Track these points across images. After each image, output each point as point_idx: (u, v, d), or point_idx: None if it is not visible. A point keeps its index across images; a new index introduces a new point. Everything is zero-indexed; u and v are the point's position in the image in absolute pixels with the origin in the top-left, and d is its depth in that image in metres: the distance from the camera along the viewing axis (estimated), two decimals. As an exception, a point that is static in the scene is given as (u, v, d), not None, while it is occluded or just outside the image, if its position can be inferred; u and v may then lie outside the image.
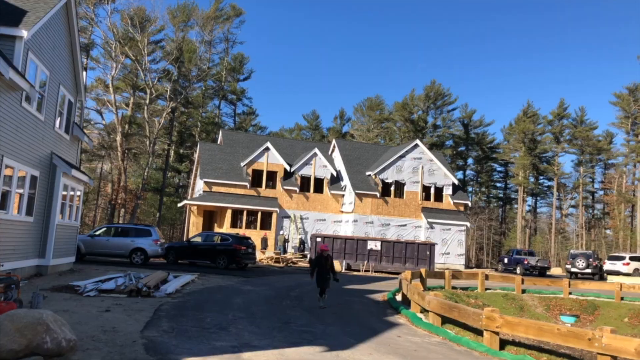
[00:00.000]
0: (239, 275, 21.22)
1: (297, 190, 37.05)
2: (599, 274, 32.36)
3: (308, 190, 37.78)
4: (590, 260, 32.35)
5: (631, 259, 34.75)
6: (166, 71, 52.75)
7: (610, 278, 31.09)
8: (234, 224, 34.72)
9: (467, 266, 43.15)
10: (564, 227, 79.75)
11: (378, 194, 36.88)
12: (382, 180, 37.54)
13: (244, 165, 36.70)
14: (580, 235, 73.60)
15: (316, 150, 38.35)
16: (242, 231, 32.70)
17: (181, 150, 63.83)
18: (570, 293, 21.53)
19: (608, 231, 74.09)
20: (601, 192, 79.53)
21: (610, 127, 75.24)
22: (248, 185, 36.11)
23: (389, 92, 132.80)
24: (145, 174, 50.46)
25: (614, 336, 8.05)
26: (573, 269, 32.56)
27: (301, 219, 36.86)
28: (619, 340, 7.98)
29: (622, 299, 20.52)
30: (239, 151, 38.79)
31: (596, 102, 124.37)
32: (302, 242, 35.25)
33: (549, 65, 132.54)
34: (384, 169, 37.69)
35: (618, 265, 33.77)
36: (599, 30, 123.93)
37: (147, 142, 49.22)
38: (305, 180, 37.96)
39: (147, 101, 49.12)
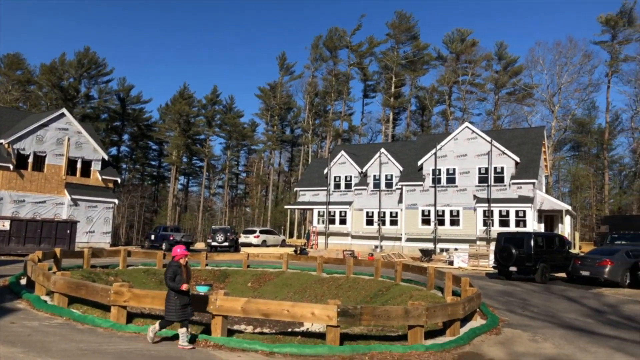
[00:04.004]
0: None
1: None
2: (235, 246, 36.20)
3: None
4: (228, 234, 35.86)
5: (261, 232, 40.24)
6: None
7: (244, 249, 35.16)
8: None
9: (115, 244, 42.05)
10: (211, 205, 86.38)
11: (12, 166, 32.00)
12: (18, 151, 32.74)
13: None
14: (225, 213, 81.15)
15: None
16: None
17: None
18: (207, 265, 23.37)
19: (247, 209, 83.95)
20: (244, 174, 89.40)
21: (255, 117, 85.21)
22: None
23: (36, 53, 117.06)
24: None
25: (225, 298, 9.08)
26: (213, 243, 35.46)
27: None
28: (229, 301, 9.06)
29: (248, 266, 23.47)
30: None
31: (244, 93, 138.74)
32: None
33: (206, 50, 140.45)
34: (20, 138, 32.90)
35: (250, 238, 38.63)
36: (252, 28, 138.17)
37: None
38: None
39: None
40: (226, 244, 34.96)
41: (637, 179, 57.52)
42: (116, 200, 38.13)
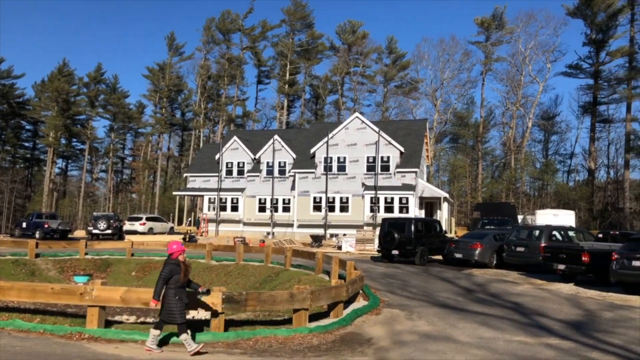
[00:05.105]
0: None
1: None
2: (119, 234, 34.31)
3: None
4: (112, 221, 33.91)
5: (147, 219, 38.58)
6: None
7: (128, 237, 33.45)
8: None
9: (-21, 233, 38.03)
10: (93, 191, 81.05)
11: None
12: None
13: None
14: (109, 199, 76.59)
15: None
16: None
17: None
18: (86, 254, 21.96)
19: (134, 195, 79.87)
20: (130, 159, 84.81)
21: (142, 98, 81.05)
22: None
23: None
24: None
25: (103, 288, 8.60)
26: (95, 231, 33.34)
27: None
28: (107, 291, 8.59)
29: (132, 255, 22.42)
30: None
31: (131, 72, 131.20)
32: None
33: (88, 24, 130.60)
34: None
35: (136, 226, 36.90)
36: (140, 3, 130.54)
37: None
38: None
39: None
40: (109, 231, 33.06)
41: (507, 170, 63.29)
42: (-20, 185, 34.41)
